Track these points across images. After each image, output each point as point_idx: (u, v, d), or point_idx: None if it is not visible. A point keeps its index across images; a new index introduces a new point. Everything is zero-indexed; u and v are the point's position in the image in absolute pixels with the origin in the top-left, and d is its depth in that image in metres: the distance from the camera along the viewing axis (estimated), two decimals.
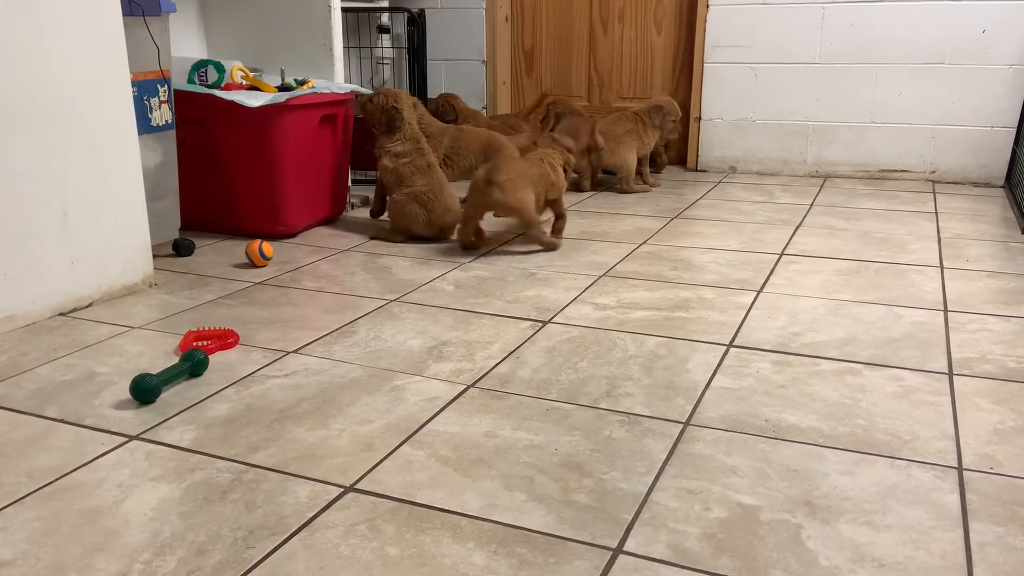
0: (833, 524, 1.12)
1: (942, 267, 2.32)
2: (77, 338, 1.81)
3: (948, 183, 3.55)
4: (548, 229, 2.56)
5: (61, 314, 1.95)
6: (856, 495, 1.19)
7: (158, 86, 2.30)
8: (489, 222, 2.72)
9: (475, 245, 2.52)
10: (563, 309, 1.99)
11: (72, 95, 1.91)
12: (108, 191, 2.03)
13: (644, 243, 2.60)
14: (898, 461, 1.29)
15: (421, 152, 2.61)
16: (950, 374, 1.61)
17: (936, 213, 3.00)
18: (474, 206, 2.44)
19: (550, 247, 2.50)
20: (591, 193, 3.40)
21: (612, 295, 2.09)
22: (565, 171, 2.61)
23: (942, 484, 1.22)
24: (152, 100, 2.29)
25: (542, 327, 1.87)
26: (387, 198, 2.65)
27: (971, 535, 1.10)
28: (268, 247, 2.35)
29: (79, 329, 1.86)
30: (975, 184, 3.52)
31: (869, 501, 1.18)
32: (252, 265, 2.35)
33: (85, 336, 1.82)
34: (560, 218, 2.58)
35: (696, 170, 3.91)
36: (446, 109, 3.54)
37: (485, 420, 1.43)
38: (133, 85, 2.11)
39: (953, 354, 1.71)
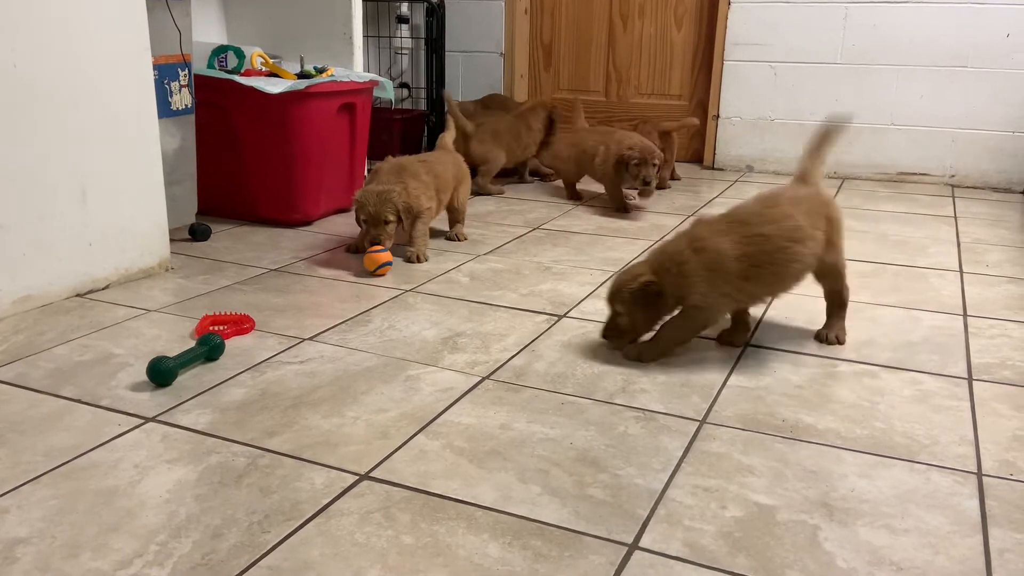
0: (851, 526, 1.11)
1: (961, 271, 2.30)
2: (94, 319, 1.81)
3: (967, 188, 3.52)
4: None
5: (78, 295, 1.96)
6: (874, 498, 1.18)
7: (179, 70, 2.30)
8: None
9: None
10: (579, 304, 1.98)
11: (94, 77, 1.91)
12: (127, 174, 2.04)
13: (660, 240, 2.59)
14: (917, 465, 1.28)
15: (428, 164, 2.43)
16: (969, 379, 1.60)
17: (955, 217, 2.97)
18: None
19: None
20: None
21: None
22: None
23: (962, 489, 1.21)
24: (172, 84, 2.29)
25: (557, 321, 1.87)
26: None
27: (990, 541, 1.09)
28: (373, 259, 2.17)
29: (96, 311, 1.87)
30: (995, 189, 3.49)
31: (887, 504, 1.17)
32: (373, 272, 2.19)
33: (102, 318, 1.82)
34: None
35: (713, 168, 3.89)
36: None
37: (500, 412, 1.42)
38: (154, 69, 2.11)
39: (973, 359, 1.69)
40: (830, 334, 1.77)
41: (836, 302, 1.80)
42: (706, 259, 1.59)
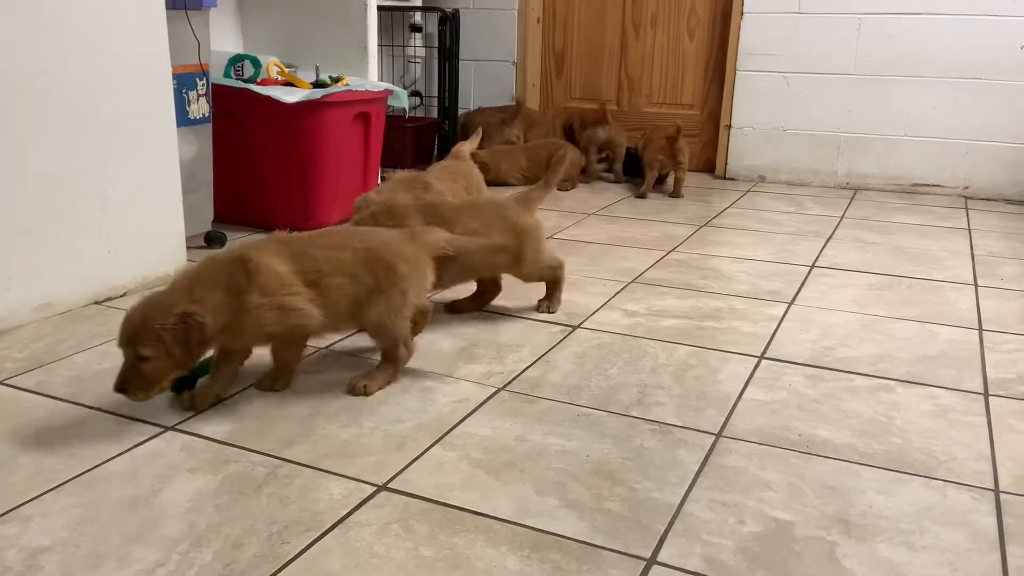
0: (869, 543, 1.11)
1: (976, 285, 2.30)
2: (113, 327, 1.82)
3: (981, 199, 3.51)
4: None
5: (96, 302, 1.97)
6: (892, 514, 1.18)
7: (197, 79, 2.32)
8: None
9: None
10: (592, 314, 1.99)
11: (115, 86, 1.93)
12: (146, 182, 2.05)
13: (673, 250, 2.59)
14: (934, 481, 1.28)
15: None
16: (986, 394, 1.59)
17: (969, 229, 2.96)
18: None
19: None
20: (619, 198, 3.39)
21: (641, 302, 2.09)
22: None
23: (979, 506, 1.21)
24: (190, 93, 2.31)
25: (572, 332, 1.87)
26: None
27: (1008, 559, 1.09)
28: None
29: (114, 318, 1.87)
30: (1008, 201, 3.48)
31: (905, 521, 1.17)
32: None
33: None
34: None
35: (724, 178, 3.89)
36: None
37: (516, 424, 1.43)
38: (173, 78, 2.13)
39: (989, 374, 1.69)
40: (364, 384, 1.54)
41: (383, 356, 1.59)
42: (262, 281, 1.41)
